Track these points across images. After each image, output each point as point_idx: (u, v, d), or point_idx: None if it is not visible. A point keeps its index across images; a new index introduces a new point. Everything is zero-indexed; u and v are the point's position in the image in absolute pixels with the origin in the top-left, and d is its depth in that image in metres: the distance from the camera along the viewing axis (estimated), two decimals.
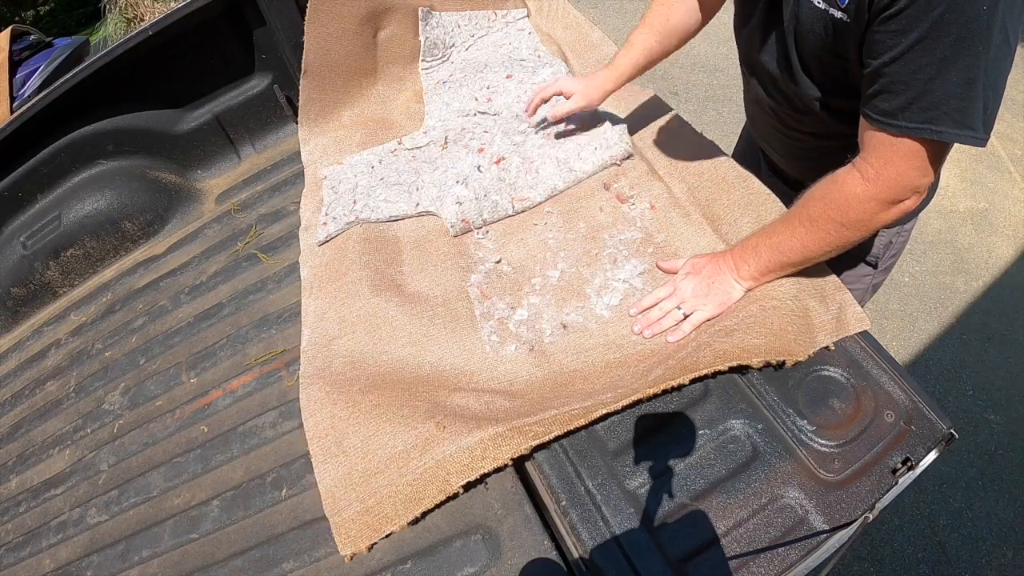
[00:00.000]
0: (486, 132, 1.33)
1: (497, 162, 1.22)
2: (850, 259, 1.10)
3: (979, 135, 0.68)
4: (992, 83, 0.66)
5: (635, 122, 1.28)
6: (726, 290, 0.89)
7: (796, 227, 0.82)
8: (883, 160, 0.72)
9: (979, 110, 0.66)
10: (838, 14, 0.73)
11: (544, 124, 1.29)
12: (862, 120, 0.75)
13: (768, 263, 0.86)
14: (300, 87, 1.52)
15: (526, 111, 1.28)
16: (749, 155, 1.29)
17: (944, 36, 0.62)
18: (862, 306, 0.88)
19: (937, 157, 0.72)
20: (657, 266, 1.01)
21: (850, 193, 0.76)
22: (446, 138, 1.39)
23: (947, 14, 0.61)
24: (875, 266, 1.12)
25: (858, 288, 1.13)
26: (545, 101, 1.23)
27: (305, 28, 1.46)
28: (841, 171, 0.78)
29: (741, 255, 0.88)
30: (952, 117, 0.66)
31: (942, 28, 0.62)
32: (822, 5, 0.75)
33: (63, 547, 1.12)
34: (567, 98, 1.18)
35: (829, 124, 0.92)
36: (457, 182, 1.23)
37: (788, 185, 1.15)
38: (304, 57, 1.48)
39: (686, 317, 0.91)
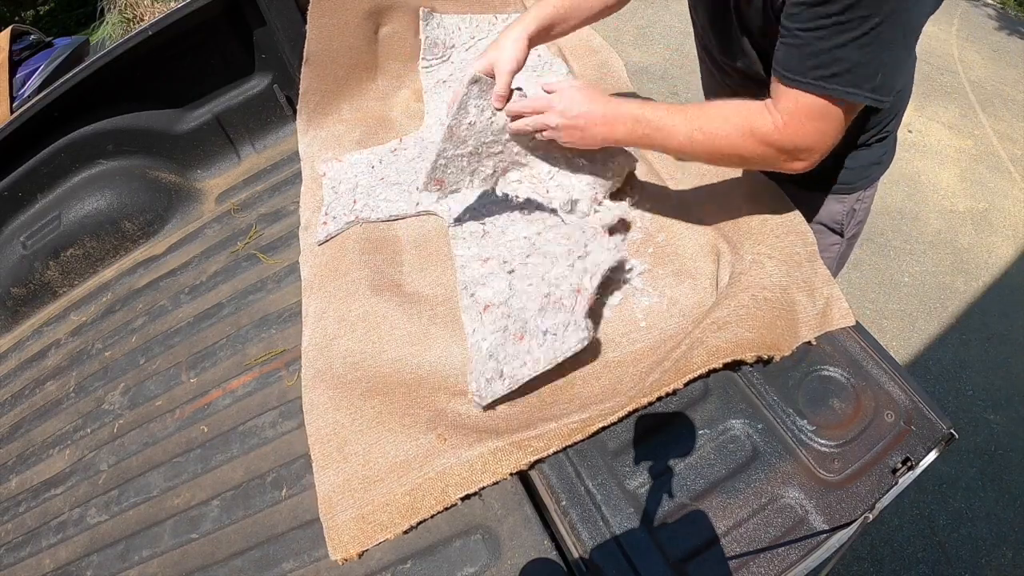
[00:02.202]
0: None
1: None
2: (815, 228, 1.12)
3: (867, 95, 0.73)
4: (888, 46, 0.70)
5: None
6: (588, 142, 0.91)
7: (691, 126, 0.83)
8: (788, 114, 0.77)
9: (871, 73, 0.71)
10: None
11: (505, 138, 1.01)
12: (772, 71, 0.79)
13: (641, 139, 0.87)
14: (301, 76, 1.51)
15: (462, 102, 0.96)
16: None
17: (839, 3, 0.67)
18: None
19: (836, 118, 0.76)
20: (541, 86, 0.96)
21: (763, 136, 0.79)
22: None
23: None
24: (841, 234, 1.14)
25: (827, 258, 1.15)
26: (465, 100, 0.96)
27: (308, 18, 1.47)
28: (756, 106, 0.80)
29: (618, 119, 0.87)
30: (843, 77, 0.71)
31: None
32: None
33: (63, 547, 1.12)
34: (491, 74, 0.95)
35: None
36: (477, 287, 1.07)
37: None
38: (306, 46, 1.48)
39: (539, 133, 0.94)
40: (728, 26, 0.94)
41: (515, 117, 0.96)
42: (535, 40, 0.99)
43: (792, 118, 0.77)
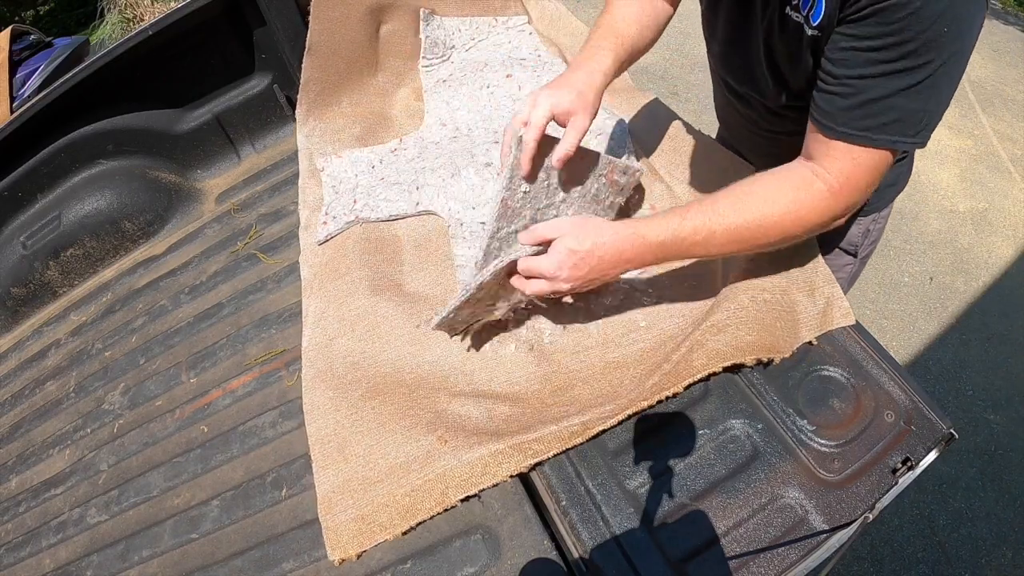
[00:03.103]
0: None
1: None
2: (829, 249, 1.10)
3: (912, 140, 0.70)
4: (937, 94, 0.67)
5: (635, 123, 1.28)
6: (614, 277, 0.82)
7: (742, 230, 0.76)
8: (845, 173, 0.73)
9: (921, 119, 0.68)
10: (811, 32, 0.74)
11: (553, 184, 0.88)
12: (810, 120, 0.75)
13: (671, 259, 0.81)
14: (303, 66, 1.51)
15: (518, 169, 0.82)
16: None
17: (897, 48, 0.63)
18: None
19: (885, 167, 0.72)
20: (524, 241, 0.85)
21: (818, 207, 0.75)
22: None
23: (906, 30, 0.62)
24: (855, 255, 1.13)
25: (839, 278, 1.14)
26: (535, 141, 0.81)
27: (311, 9, 1.47)
28: (803, 181, 0.76)
29: (636, 253, 0.79)
30: (893, 126, 0.68)
31: (899, 42, 0.63)
32: (799, 19, 0.75)
33: (63, 547, 1.12)
34: (560, 122, 0.83)
35: (803, 123, 0.93)
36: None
37: None
38: (308, 36, 1.48)
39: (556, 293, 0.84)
40: (752, 57, 0.88)
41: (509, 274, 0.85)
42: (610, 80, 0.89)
43: (848, 180, 0.72)
